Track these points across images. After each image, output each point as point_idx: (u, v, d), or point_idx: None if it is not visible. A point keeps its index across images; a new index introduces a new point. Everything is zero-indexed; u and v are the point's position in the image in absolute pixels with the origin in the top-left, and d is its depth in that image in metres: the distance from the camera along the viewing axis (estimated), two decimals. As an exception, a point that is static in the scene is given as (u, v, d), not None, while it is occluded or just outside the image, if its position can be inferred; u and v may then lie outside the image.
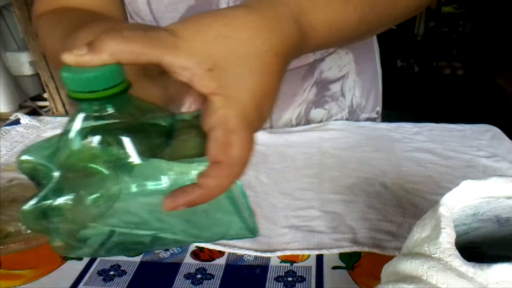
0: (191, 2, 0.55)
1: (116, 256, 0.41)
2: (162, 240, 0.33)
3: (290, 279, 0.39)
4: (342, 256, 0.41)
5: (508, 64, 2.75)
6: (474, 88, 2.90)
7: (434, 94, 2.87)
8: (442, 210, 0.25)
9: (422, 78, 3.09)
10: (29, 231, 0.44)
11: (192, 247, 0.43)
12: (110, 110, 0.27)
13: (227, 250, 0.42)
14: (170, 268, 0.41)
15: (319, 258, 0.41)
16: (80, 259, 0.42)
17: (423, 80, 3.06)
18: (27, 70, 2.22)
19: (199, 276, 0.40)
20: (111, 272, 0.40)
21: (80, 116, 0.27)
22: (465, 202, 0.26)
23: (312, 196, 0.49)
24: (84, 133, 0.27)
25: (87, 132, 0.27)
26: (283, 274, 0.39)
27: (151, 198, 0.28)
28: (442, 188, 0.50)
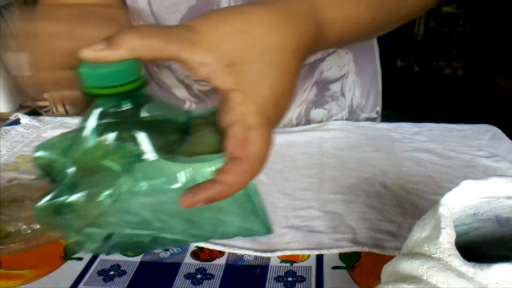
0: (192, 3, 0.55)
1: (122, 252, 0.41)
2: (167, 240, 0.33)
3: (290, 279, 0.39)
4: (342, 256, 0.41)
5: (508, 64, 2.75)
6: (474, 88, 2.90)
7: (434, 94, 2.87)
8: (442, 210, 0.25)
9: (422, 78, 3.09)
10: (29, 231, 0.44)
11: (192, 247, 0.43)
12: (127, 106, 0.27)
13: (227, 250, 0.42)
14: (170, 268, 0.41)
15: (319, 258, 0.41)
16: (80, 259, 0.42)
17: (423, 80, 3.06)
18: (27, 70, 2.23)
19: (199, 276, 0.40)
20: (111, 272, 0.40)
21: (96, 112, 0.27)
22: (465, 202, 0.26)
23: (312, 196, 0.49)
24: (100, 129, 0.27)
25: (102, 128, 0.27)
26: (283, 274, 0.39)
27: (166, 195, 0.27)
28: (442, 188, 0.50)
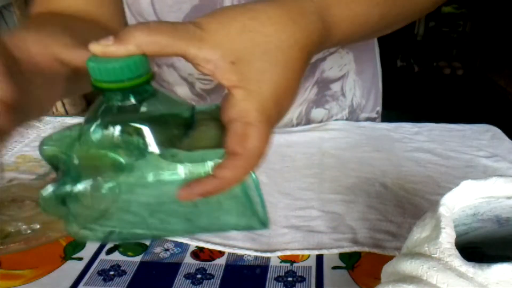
0: (195, 2, 0.55)
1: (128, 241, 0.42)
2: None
3: (290, 279, 0.39)
4: (342, 256, 0.41)
5: (508, 64, 2.75)
6: (474, 88, 2.90)
7: (434, 94, 2.86)
8: (442, 210, 0.25)
9: (422, 78, 3.09)
10: (29, 231, 0.44)
11: (192, 247, 0.43)
12: (133, 100, 0.27)
13: (227, 250, 0.42)
14: (170, 268, 0.41)
15: (319, 258, 0.41)
16: (80, 259, 0.42)
17: (423, 80, 3.06)
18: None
19: (199, 276, 0.40)
20: (111, 272, 0.40)
21: (103, 105, 0.27)
22: (465, 202, 0.26)
23: (312, 196, 0.49)
24: (106, 122, 0.27)
25: (109, 121, 0.27)
26: (283, 274, 0.39)
27: (167, 188, 0.28)
28: (442, 188, 0.50)
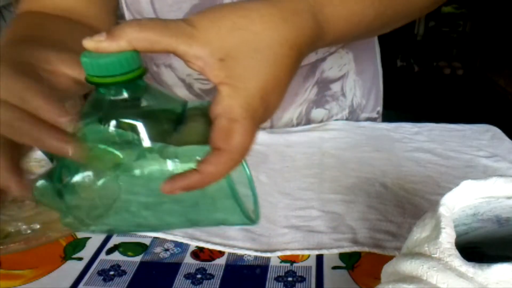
0: (195, 1, 0.54)
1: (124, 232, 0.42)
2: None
3: (290, 279, 0.39)
4: (342, 256, 0.41)
5: (508, 64, 2.75)
6: (474, 88, 2.90)
7: (434, 94, 2.86)
8: (442, 210, 0.25)
9: (422, 78, 3.09)
10: (29, 231, 0.44)
11: (192, 247, 0.43)
12: (126, 95, 0.28)
13: (227, 250, 0.42)
14: (170, 268, 0.41)
15: (319, 258, 0.41)
16: (80, 259, 0.42)
17: (423, 80, 3.06)
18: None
19: (199, 276, 0.40)
20: (111, 272, 0.40)
21: (97, 100, 0.28)
22: (465, 202, 0.26)
23: (312, 196, 0.49)
24: (99, 116, 0.28)
25: (102, 116, 0.28)
26: (283, 274, 0.39)
27: (155, 182, 0.28)
28: (442, 188, 0.50)
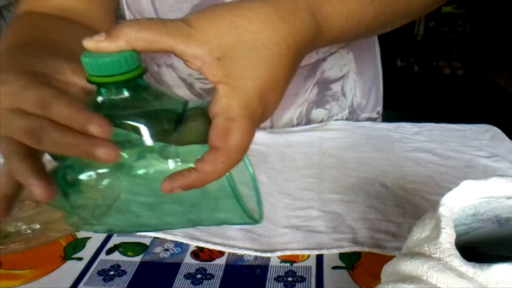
0: (196, 1, 0.54)
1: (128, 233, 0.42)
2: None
3: (290, 279, 0.39)
4: (342, 256, 0.41)
5: (508, 64, 2.75)
6: (474, 88, 2.90)
7: (434, 94, 2.86)
8: (442, 210, 0.25)
9: (422, 78, 3.09)
10: (29, 231, 0.44)
11: (192, 247, 0.43)
12: (126, 94, 0.28)
13: (227, 250, 0.42)
14: (170, 268, 0.41)
15: (319, 258, 0.41)
16: (80, 259, 0.42)
17: (423, 80, 3.06)
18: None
19: (199, 276, 0.40)
20: (111, 272, 0.41)
21: (98, 99, 0.28)
22: (465, 202, 0.26)
23: (312, 196, 0.49)
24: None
25: (103, 115, 0.28)
26: (283, 274, 0.39)
27: (156, 182, 0.28)
28: (442, 188, 0.50)
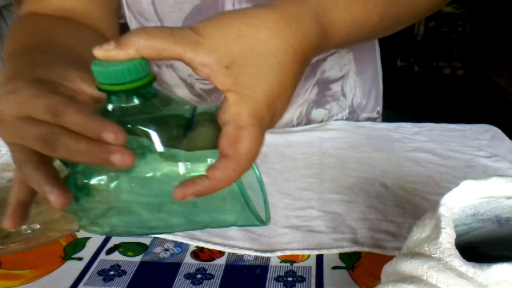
0: (196, 2, 0.54)
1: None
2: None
3: (290, 279, 0.39)
4: (342, 256, 0.41)
5: (508, 64, 2.75)
6: (474, 88, 2.90)
7: (434, 94, 2.86)
8: (442, 210, 0.25)
9: (422, 78, 3.09)
10: (29, 231, 0.44)
11: (192, 247, 0.43)
12: (136, 101, 0.28)
13: (227, 250, 0.42)
14: (170, 268, 0.41)
15: (319, 258, 0.41)
16: (80, 259, 0.42)
17: (423, 80, 3.06)
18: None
19: (199, 276, 0.40)
20: (111, 272, 0.40)
21: (108, 107, 0.29)
22: (465, 202, 0.26)
23: (312, 196, 0.49)
24: None
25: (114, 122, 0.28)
26: (283, 274, 0.39)
27: (166, 186, 0.29)
28: (442, 188, 0.50)
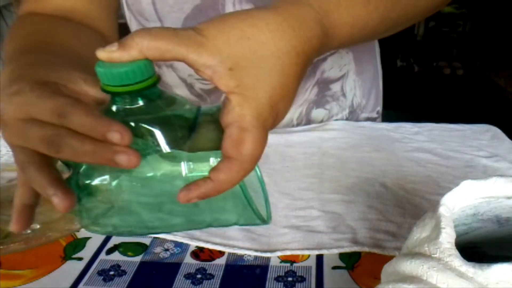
0: (196, 2, 0.54)
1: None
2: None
3: (290, 279, 0.39)
4: (342, 256, 0.41)
5: (508, 64, 2.75)
6: (474, 88, 2.90)
7: (434, 94, 2.86)
8: (442, 210, 0.25)
9: (422, 78, 3.09)
10: (29, 231, 0.44)
11: (192, 247, 0.43)
12: (140, 103, 0.29)
13: (227, 250, 0.42)
14: (170, 268, 0.41)
15: (319, 258, 0.41)
16: (80, 259, 0.42)
17: (423, 80, 3.06)
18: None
19: (199, 276, 0.40)
20: (111, 272, 0.41)
21: (112, 108, 0.29)
22: (465, 202, 0.26)
23: (312, 196, 0.49)
24: None
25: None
26: (283, 274, 0.39)
27: (169, 187, 0.29)
28: (442, 188, 0.50)
